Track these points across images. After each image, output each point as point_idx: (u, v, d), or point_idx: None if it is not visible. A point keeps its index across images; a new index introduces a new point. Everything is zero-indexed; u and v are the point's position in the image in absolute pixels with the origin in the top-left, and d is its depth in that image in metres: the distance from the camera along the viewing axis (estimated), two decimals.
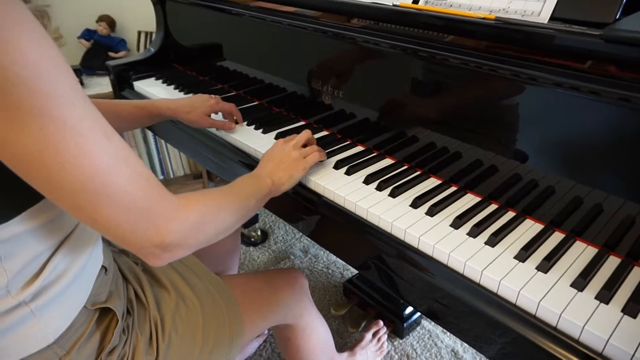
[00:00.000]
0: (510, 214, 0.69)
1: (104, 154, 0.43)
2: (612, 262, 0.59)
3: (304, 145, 0.80)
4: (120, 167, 0.44)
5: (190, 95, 1.16)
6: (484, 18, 0.66)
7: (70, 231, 0.56)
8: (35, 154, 0.40)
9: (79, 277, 0.57)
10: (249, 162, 0.90)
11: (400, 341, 1.31)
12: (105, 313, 0.62)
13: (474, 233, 0.64)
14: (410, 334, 1.33)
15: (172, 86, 1.23)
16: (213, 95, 0.98)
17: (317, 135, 0.95)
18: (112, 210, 0.44)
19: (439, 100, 0.76)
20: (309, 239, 1.73)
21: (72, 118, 0.41)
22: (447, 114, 0.76)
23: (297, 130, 0.95)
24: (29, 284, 0.51)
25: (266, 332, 1.30)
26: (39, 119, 0.39)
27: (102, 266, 0.63)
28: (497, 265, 0.58)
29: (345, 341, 1.31)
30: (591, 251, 0.61)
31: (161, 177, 1.98)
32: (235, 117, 0.99)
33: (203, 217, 0.54)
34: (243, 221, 0.64)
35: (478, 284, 0.58)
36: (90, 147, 0.42)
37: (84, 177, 0.42)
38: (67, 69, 0.42)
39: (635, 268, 0.57)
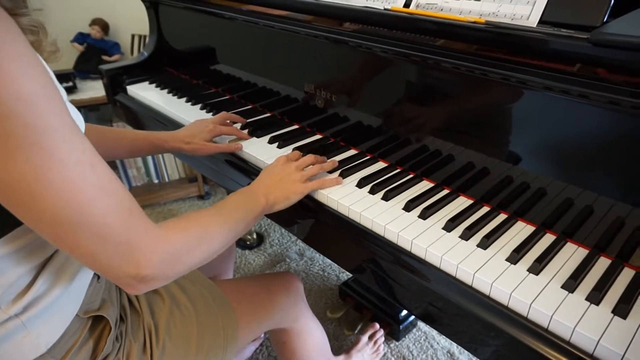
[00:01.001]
0: (502, 217, 0.69)
1: (89, 187, 0.43)
2: (602, 263, 0.59)
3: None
4: (103, 199, 0.44)
5: (184, 99, 1.16)
6: (474, 22, 0.66)
7: (55, 250, 0.55)
8: (20, 185, 0.40)
9: (69, 287, 0.57)
10: (242, 166, 0.90)
11: (397, 343, 1.31)
12: (98, 321, 0.62)
13: (466, 236, 0.64)
14: (407, 336, 1.33)
15: (166, 90, 1.23)
16: (210, 119, 0.93)
17: (310, 139, 0.95)
18: (90, 242, 0.44)
19: (431, 103, 0.77)
20: (304, 243, 1.73)
21: (60, 151, 0.41)
22: (439, 118, 0.76)
23: (291, 134, 0.96)
24: (19, 297, 0.51)
25: (262, 336, 1.30)
26: (27, 151, 0.39)
27: (95, 274, 0.63)
28: (489, 268, 0.58)
29: (341, 344, 1.31)
30: (582, 252, 0.61)
31: (156, 181, 1.97)
32: (237, 122, 0.97)
33: (183, 249, 0.52)
34: (230, 244, 0.62)
35: (470, 287, 0.58)
36: (75, 180, 0.42)
37: (65, 210, 0.42)
38: (58, 101, 0.42)
39: (626, 269, 0.58)
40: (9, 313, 0.51)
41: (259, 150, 0.90)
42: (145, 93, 1.23)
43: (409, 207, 0.70)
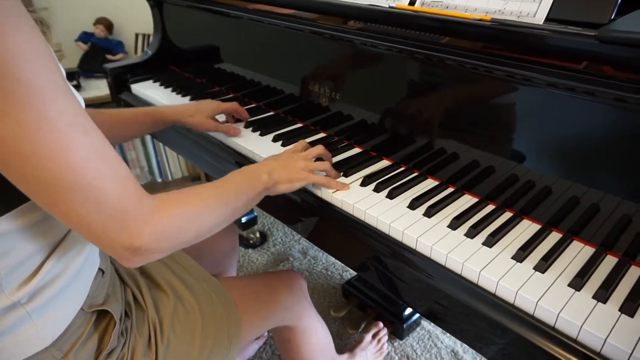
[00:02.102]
0: (507, 215, 0.69)
1: (80, 150, 0.42)
2: (609, 262, 0.59)
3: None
4: (96, 164, 0.43)
5: (188, 98, 1.16)
6: (479, 19, 0.66)
7: (65, 233, 0.56)
8: (10, 143, 0.39)
9: (74, 279, 0.57)
10: (245, 164, 0.89)
11: (400, 342, 1.31)
12: (103, 315, 0.62)
13: (471, 234, 0.64)
14: (410, 335, 1.33)
15: (170, 89, 1.23)
16: (216, 101, 0.96)
17: (314, 138, 0.95)
18: (84, 208, 0.44)
19: (436, 101, 0.77)
20: (308, 241, 1.73)
21: (50, 110, 0.40)
22: (444, 115, 0.76)
23: (294, 132, 0.96)
24: (24, 284, 0.51)
25: (266, 334, 1.30)
26: (17, 107, 0.39)
27: (99, 269, 0.63)
28: (495, 266, 0.58)
29: (345, 343, 1.31)
30: (588, 251, 0.61)
31: (159, 180, 1.98)
32: (241, 117, 1.00)
33: (179, 222, 0.52)
34: (230, 221, 0.61)
35: (476, 285, 0.58)
36: (66, 142, 0.41)
37: (58, 172, 0.41)
38: (52, 63, 0.42)
39: (633, 267, 0.58)
40: (13, 299, 0.50)
41: (263, 148, 0.90)
42: (150, 92, 1.23)
43: (413, 205, 0.70)
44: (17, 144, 0.39)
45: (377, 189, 0.75)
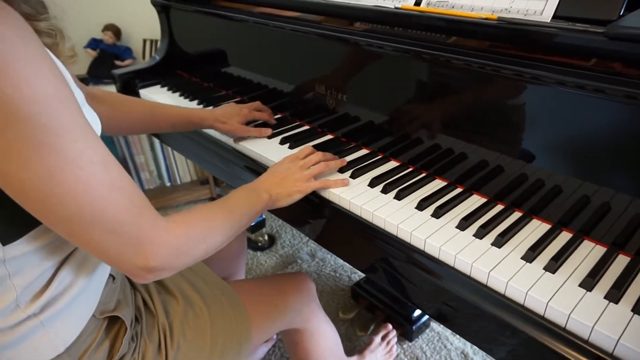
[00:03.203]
0: (516, 215, 0.68)
1: (101, 186, 0.45)
2: (620, 261, 0.58)
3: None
4: (115, 197, 0.46)
5: (196, 102, 1.17)
6: (486, 18, 0.65)
7: (76, 246, 0.56)
8: (34, 184, 0.41)
9: (86, 287, 0.58)
10: (254, 168, 0.90)
11: (410, 344, 1.30)
12: (114, 321, 0.63)
13: (480, 234, 0.63)
14: (420, 337, 1.32)
15: (178, 93, 1.24)
16: (245, 105, 0.99)
17: (321, 140, 0.95)
18: (102, 237, 0.46)
19: (443, 101, 0.76)
20: (316, 243, 1.73)
21: (73, 151, 0.42)
22: (451, 115, 0.76)
23: (302, 134, 0.96)
24: (38, 296, 0.52)
25: (275, 336, 1.30)
26: (41, 152, 0.40)
27: (110, 275, 0.64)
28: (504, 267, 0.57)
29: (354, 345, 1.30)
30: (599, 250, 0.60)
31: (168, 184, 1.99)
32: (269, 121, 1.02)
33: (190, 241, 0.54)
34: (234, 237, 0.64)
35: (485, 286, 0.57)
36: (87, 180, 0.44)
37: (79, 208, 0.44)
38: (72, 103, 0.43)
39: None
40: (28, 312, 0.51)
41: (271, 151, 0.90)
42: (158, 96, 1.24)
43: (421, 206, 0.70)
44: (39, 185, 0.41)
45: (384, 190, 0.75)
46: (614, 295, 0.52)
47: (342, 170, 0.81)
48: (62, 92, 0.42)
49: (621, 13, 0.57)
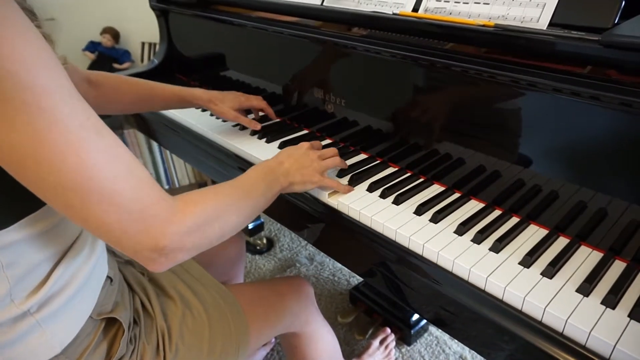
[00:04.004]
0: (514, 220, 0.69)
1: (94, 151, 0.42)
2: (617, 267, 0.58)
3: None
4: (111, 165, 0.43)
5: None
6: (483, 25, 0.66)
7: (72, 241, 0.56)
8: (24, 149, 0.40)
9: (83, 287, 0.57)
10: None
11: (408, 348, 1.30)
12: (111, 323, 0.62)
13: (478, 239, 0.64)
14: (418, 341, 1.32)
15: None
16: (245, 95, 1.00)
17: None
18: (102, 210, 0.43)
19: (441, 107, 0.77)
20: (315, 247, 1.73)
21: (61, 113, 0.41)
22: (449, 121, 0.76)
23: (300, 139, 0.96)
24: (34, 293, 0.52)
25: (273, 340, 1.30)
26: (28, 114, 0.39)
27: (108, 276, 0.64)
28: (502, 272, 0.58)
29: (352, 349, 1.30)
30: (596, 256, 0.61)
31: (166, 187, 1.99)
32: (270, 115, 1.03)
33: (202, 219, 0.51)
34: (251, 219, 0.61)
35: (483, 291, 0.58)
36: (79, 143, 0.41)
37: (73, 174, 0.41)
38: (58, 67, 0.42)
39: None
40: (23, 308, 0.51)
41: (269, 155, 0.89)
42: None
43: (420, 211, 0.70)
44: (31, 148, 0.40)
45: (383, 195, 0.75)
46: (611, 300, 0.52)
47: (340, 174, 0.82)
48: (46, 55, 0.41)
49: (616, 21, 0.58)
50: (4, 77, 0.38)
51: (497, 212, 0.71)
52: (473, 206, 0.73)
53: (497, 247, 0.62)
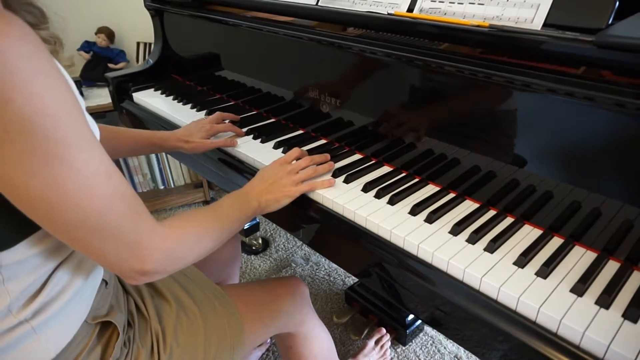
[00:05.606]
0: (508, 220, 0.69)
1: (104, 195, 0.46)
2: (611, 267, 0.58)
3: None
4: (116, 205, 0.48)
5: (189, 106, 1.17)
6: (478, 26, 0.66)
7: (71, 251, 0.56)
8: (41, 194, 0.43)
9: (79, 292, 0.57)
10: (248, 172, 0.90)
11: (403, 348, 1.31)
12: (106, 327, 0.62)
13: (472, 239, 0.64)
14: (413, 341, 1.32)
15: (171, 97, 1.24)
16: (206, 119, 0.97)
17: (315, 144, 0.95)
18: (102, 243, 0.48)
19: (436, 107, 0.77)
20: (310, 247, 1.73)
21: (79, 162, 0.44)
22: (444, 121, 0.76)
23: (295, 139, 0.96)
24: (30, 301, 0.52)
25: (268, 340, 1.30)
26: (49, 163, 0.42)
27: (103, 280, 0.64)
28: (496, 272, 0.58)
29: (347, 349, 1.30)
30: (590, 256, 0.61)
31: (162, 187, 1.98)
32: (232, 119, 1.02)
33: (184, 246, 0.57)
34: (222, 243, 0.66)
35: (478, 291, 0.58)
36: (91, 189, 0.45)
37: (82, 216, 0.45)
38: (78, 113, 0.45)
39: (635, 272, 0.57)
40: (20, 318, 0.51)
41: (264, 155, 0.90)
42: (151, 100, 1.24)
43: (414, 211, 0.70)
44: (45, 194, 0.43)
45: (378, 195, 0.75)
46: (605, 300, 0.52)
47: (335, 174, 0.82)
48: (70, 104, 0.43)
49: (610, 22, 0.58)
50: (33, 131, 0.40)
51: (491, 213, 0.71)
52: (468, 206, 0.73)
53: (491, 248, 0.62)
